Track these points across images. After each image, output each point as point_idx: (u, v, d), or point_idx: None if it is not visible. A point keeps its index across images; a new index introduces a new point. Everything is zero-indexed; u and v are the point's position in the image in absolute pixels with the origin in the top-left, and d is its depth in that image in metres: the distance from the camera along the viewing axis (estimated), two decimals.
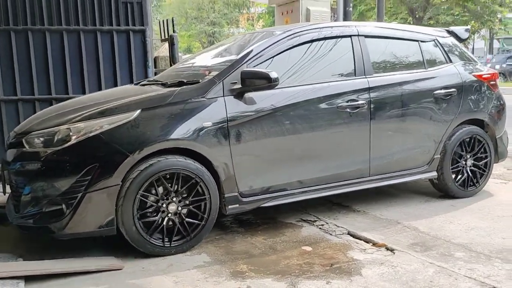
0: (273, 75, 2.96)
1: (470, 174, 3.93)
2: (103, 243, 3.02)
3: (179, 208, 2.87)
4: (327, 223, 3.40)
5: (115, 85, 4.86)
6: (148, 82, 3.69)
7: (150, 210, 2.82)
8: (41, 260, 2.78)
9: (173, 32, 5.28)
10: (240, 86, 3.02)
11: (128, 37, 4.87)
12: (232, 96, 3.02)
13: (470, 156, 3.93)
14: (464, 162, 3.91)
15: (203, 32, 33.91)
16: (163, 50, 5.68)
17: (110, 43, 4.85)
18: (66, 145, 2.71)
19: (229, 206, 3.03)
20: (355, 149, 3.43)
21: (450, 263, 2.66)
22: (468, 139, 3.88)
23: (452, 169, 3.84)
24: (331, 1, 6.20)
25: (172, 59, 5.20)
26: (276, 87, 3.06)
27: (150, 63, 4.91)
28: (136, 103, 2.90)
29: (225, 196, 3.01)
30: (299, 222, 3.45)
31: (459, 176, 3.89)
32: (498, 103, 4.09)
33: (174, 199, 2.85)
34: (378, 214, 3.57)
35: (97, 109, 2.88)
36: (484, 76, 4.03)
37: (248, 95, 3.04)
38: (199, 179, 2.87)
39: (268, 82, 2.96)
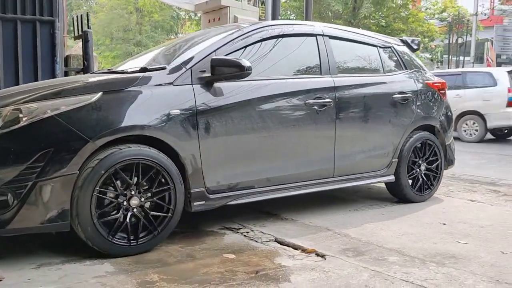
0: (245, 63, 2.82)
1: (425, 178, 4.02)
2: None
3: (142, 202, 2.60)
4: (252, 230, 3.08)
5: (17, 81, 4.26)
6: (101, 72, 3.43)
7: (109, 206, 2.52)
8: None
9: (88, 28, 4.81)
10: (209, 74, 2.86)
11: (35, 28, 4.33)
12: (201, 85, 2.85)
13: (423, 161, 4.02)
14: (418, 167, 3.98)
15: (129, 53, 32.98)
16: (76, 48, 5.16)
17: (13, 33, 4.28)
18: (15, 127, 2.37)
19: (195, 203, 2.81)
20: (322, 147, 3.39)
21: (385, 267, 2.44)
22: (420, 145, 3.97)
23: (408, 173, 3.90)
24: (260, 11, 6.06)
25: (85, 57, 4.70)
26: (245, 78, 2.94)
27: (59, 58, 4.39)
28: (97, 85, 2.62)
29: (191, 191, 2.78)
30: (222, 230, 3.09)
31: (415, 181, 3.96)
32: (448, 111, 4.26)
33: (135, 192, 2.57)
34: (307, 221, 3.32)
35: (51, 90, 2.54)
36: (435, 84, 4.18)
37: (217, 85, 2.90)
38: (163, 169, 2.62)
39: (239, 71, 2.81)
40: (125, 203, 2.54)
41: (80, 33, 4.95)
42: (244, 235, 2.97)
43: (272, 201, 3.25)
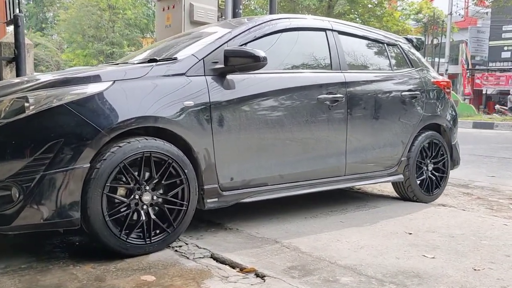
0: (261, 53, 2.72)
1: (433, 178, 3.96)
2: None
3: (155, 198, 2.46)
4: (187, 244, 2.61)
5: None
6: (107, 64, 3.33)
7: (121, 203, 2.36)
8: None
9: (19, 12, 4.26)
10: (222, 65, 2.74)
11: None
12: (214, 76, 2.74)
13: (431, 161, 3.96)
14: (426, 167, 3.92)
15: (101, 51, 32.06)
16: (9, 36, 4.60)
17: None
18: (21, 116, 2.20)
19: (208, 200, 2.69)
20: (333, 144, 3.30)
21: None
22: (428, 144, 3.90)
23: (416, 173, 3.83)
24: (220, 0, 5.60)
25: (16, 44, 4.16)
26: (258, 71, 2.84)
27: None
28: (108, 73, 2.47)
29: (204, 188, 2.66)
30: None
31: (423, 181, 3.89)
32: (453, 110, 4.21)
33: (148, 187, 2.43)
34: (253, 232, 2.87)
35: (59, 77, 2.37)
36: (441, 83, 4.13)
37: (230, 76, 2.78)
38: (177, 164, 2.50)
39: (254, 61, 2.71)
40: (137, 197, 2.40)
41: (12, 17, 4.40)
42: (176, 250, 2.50)
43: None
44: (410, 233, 2.94)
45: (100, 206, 2.27)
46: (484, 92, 31.01)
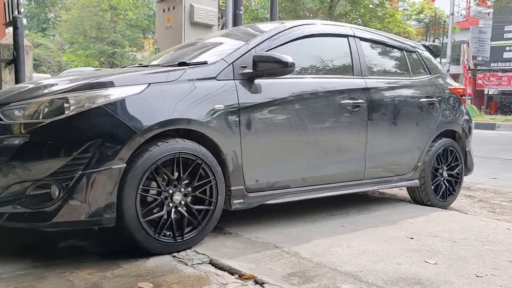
0: (288, 59, 2.77)
1: (447, 184, 3.98)
2: None
3: (185, 197, 2.54)
4: (185, 249, 2.58)
5: None
6: (134, 66, 3.42)
7: (153, 202, 2.44)
8: None
9: (18, 13, 4.24)
10: (251, 70, 2.81)
11: None
12: (243, 81, 2.81)
13: (445, 167, 3.99)
14: (441, 173, 3.96)
15: (102, 52, 32.06)
16: (8, 37, 4.58)
17: None
18: (61, 117, 2.28)
19: (235, 201, 2.77)
20: (354, 148, 3.37)
21: None
22: (443, 150, 3.94)
23: (432, 179, 3.87)
24: (220, 1, 5.57)
25: (15, 46, 4.13)
26: (284, 76, 2.91)
27: None
28: (142, 76, 2.54)
29: (231, 189, 2.74)
30: None
31: (438, 187, 3.92)
32: (468, 117, 4.26)
33: (178, 187, 2.51)
34: (253, 237, 2.84)
35: (96, 79, 2.46)
36: (458, 90, 4.20)
37: (258, 81, 2.86)
38: (206, 164, 2.58)
39: (283, 67, 2.78)
40: (168, 198, 2.48)
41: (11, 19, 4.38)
42: (174, 256, 2.47)
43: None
44: (412, 238, 2.91)
45: (134, 205, 2.34)
46: (486, 92, 30.93)
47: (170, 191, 2.49)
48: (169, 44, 5.55)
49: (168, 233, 2.48)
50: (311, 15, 21.47)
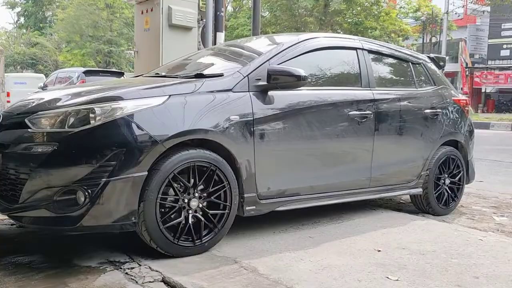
0: (301, 72, 2.89)
1: (449, 192, 4.03)
2: None
3: (201, 202, 2.67)
4: (140, 265, 2.49)
5: None
6: (150, 76, 3.50)
7: (172, 208, 2.58)
8: None
9: None
10: (265, 83, 2.92)
11: None
12: (257, 93, 2.93)
13: (448, 175, 4.05)
14: (443, 181, 4.01)
15: (99, 51, 31.93)
16: None
17: None
18: (88, 126, 2.41)
19: (247, 208, 2.89)
20: (361, 158, 3.47)
21: None
22: (445, 159, 4.00)
23: (434, 187, 3.93)
24: (200, 2, 5.47)
25: None
26: (298, 88, 3.02)
27: None
28: (163, 88, 2.68)
29: (244, 196, 2.86)
30: (102, 264, 2.50)
31: (441, 195, 3.97)
32: (471, 127, 4.34)
33: (196, 194, 2.65)
34: (215, 250, 2.75)
35: (120, 90, 2.65)
36: (461, 100, 4.28)
37: (272, 93, 2.97)
38: (221, 172, 2.71)
39: (296, 80, 2.89)
40: (186, 205, 2.61)
41: None
42: (126, 273, 2.38)
43: None
44: (379, 250, 2.82)
45: (154, 211, 2.47)
46: (483, 90, 30.82)
47: (187, 199, 2.61)
48: (148, 46, 5.46)
49: (187, 237, 2.60)
50: (307, 13, 21.32)
